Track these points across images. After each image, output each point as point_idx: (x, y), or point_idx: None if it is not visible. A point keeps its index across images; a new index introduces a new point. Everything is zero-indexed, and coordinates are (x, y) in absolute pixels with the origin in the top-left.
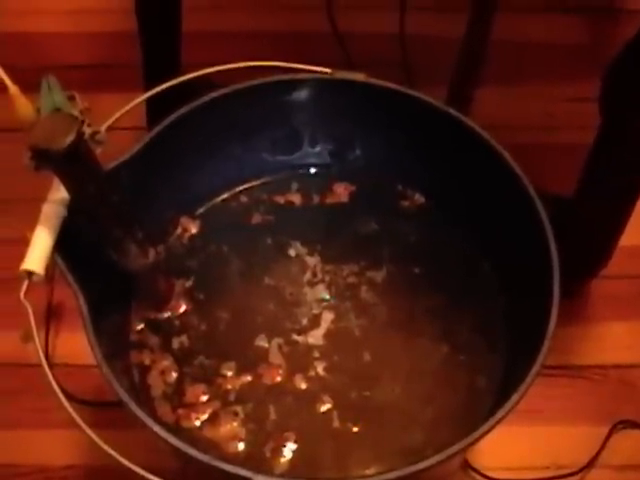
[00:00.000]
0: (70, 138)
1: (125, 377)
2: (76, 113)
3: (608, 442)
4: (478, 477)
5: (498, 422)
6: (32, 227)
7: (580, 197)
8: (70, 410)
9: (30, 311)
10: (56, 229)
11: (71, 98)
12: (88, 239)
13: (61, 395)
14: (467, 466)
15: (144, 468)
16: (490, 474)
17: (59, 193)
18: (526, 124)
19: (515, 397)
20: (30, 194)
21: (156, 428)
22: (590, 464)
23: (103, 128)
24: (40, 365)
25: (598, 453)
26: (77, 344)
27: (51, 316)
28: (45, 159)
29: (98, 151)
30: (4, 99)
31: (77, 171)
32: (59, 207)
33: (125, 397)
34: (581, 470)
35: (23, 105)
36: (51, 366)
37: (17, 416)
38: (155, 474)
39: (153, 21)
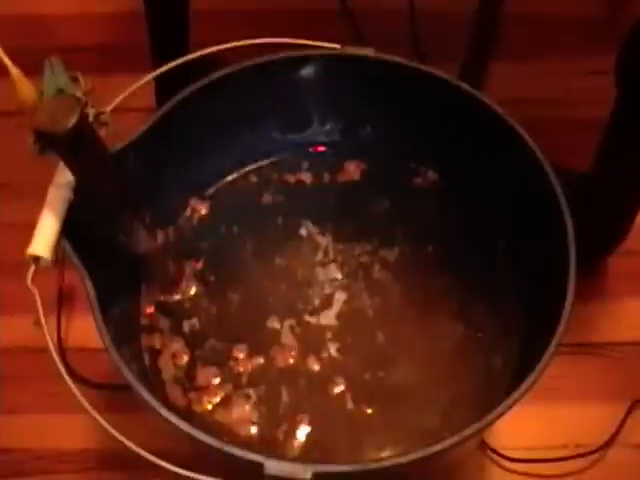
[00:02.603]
0: (73, 120)
1: (135, 361)
2: (79, 94)
3: (627, 421)
4: (495, 457)
5: (514, 403)
6: (40, 211)
7: (596, 172)
8: (77, 393)
9: (37, 296)
10: (62, 213)
11: (74, 79)
12: (95, 222)
13: (68, 378)
14: (484, 446)
15: (158, 451)
16: (507, 454)
17: (64, 176)
18: (541, 99)
19: (531, 377)
20: (37, 178)
21: (164, 413)
22: (609, 443)
23: (108, 109)
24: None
25: (617, 432)
26: (91, 328)
27: (63, 300)
28: (49, 142)
29: (103, 132)
30: (7, 82)
31: (81, 153)
32: (65, 190)
33: (134, 382)
34: (600, 449)
35: (25, 88)
36: (65, 350)
37: (32, 401)
38: (169, 457)
39: (160, 0)
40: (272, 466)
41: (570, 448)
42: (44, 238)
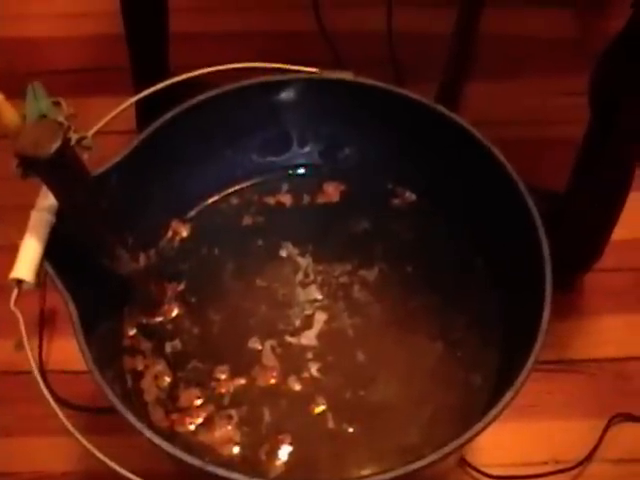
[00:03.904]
0: (56, 145)
1: (118, 383)
2: (62, 119)
3: (605, 436)
4: (475, 474)
5: (493, 420)
6: (23, 235)
7: (572, 191)
8: (61, 415)
9: (21, 319)
10: (45, 236)
11: (57, 104)
12: (78, 246)
13: (52, 401)
14: (464, 463)
15: (142, 473)
16: (487, 471)
17: (47, 200)
18: (517, 119)
19: (509, 394)
20: (20, 201)
21: (148, 434)
22: (588, 458)
23: (90, 134)
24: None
25: (596, 447)
26: (73, 350)
27: (45, 323)
28: (32, 166)
29: (85, 157)
30: None
31: (64, 178)
32: (48, 214)
33: (117, 403)
34: (579, 464)
35: (8, 112)
36: (47, 373)
37: (14, 423)
38: (153, 478)
39: (139, 23)
40: None
41: (550, 464)
42: (27, 262)
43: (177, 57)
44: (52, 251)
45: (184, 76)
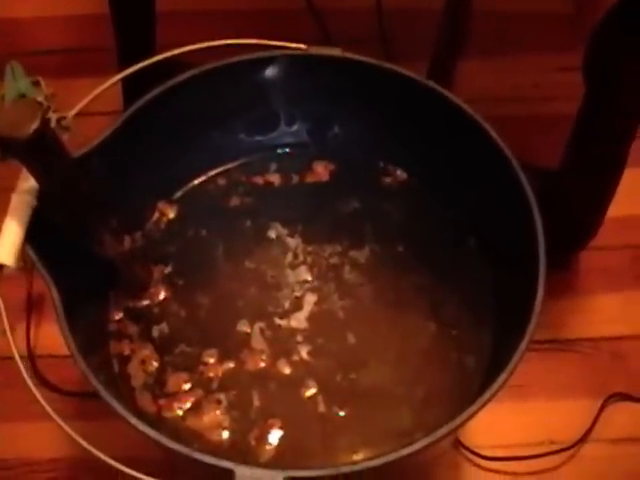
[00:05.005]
0: (34, 125)
1: (104, 368)
2: (41, 99)
3: (601, 416)
4: (470, 455)
5: (487, 402)
6: (4, 219)
7: (566, 168)
8: (42, 401)
9: (1, 304)
10: (26, 219)
11: (36, 84)
12: (61, 229)
13: (32, 385)
14: (458, 444)
15: (132, 458)
16: (482, 452)
17: (28, 182)
18: (510, 96)
19: (503, 376)
20: (1, 184)
21: (133, 420)
22: (583, 438)
23: (70, 114)
24: (24, 357)
25: (591, 427)
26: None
27: (33, 307)
28: (10, 148)
29: (65, 137)
30: None
31: (44, 159)
32: (29, 196)
33: (101, 389)
34: (575, 445)
35: None
36: (35, 358)
37: (1, 409)
38: (142, 464)
39: (125, 2)
40: (243, 473)
41: (545, 445)
42: (8, 245)
43: (163, 37)
44: (34, 234)
45: (167, 54)
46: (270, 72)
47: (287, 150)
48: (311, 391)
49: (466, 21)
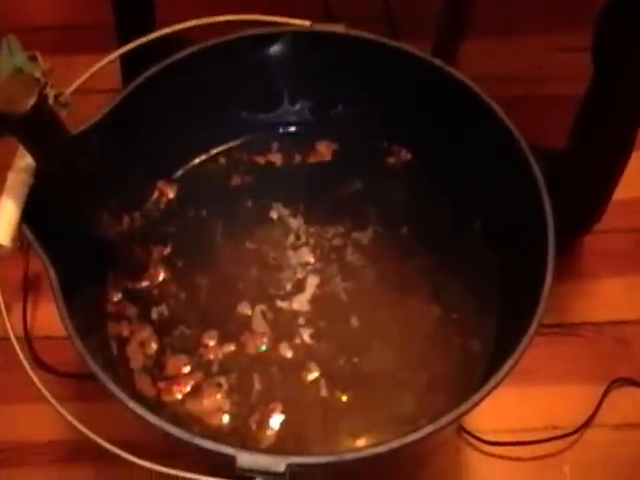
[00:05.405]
0: (31, 101)
1: (102, 350)
2: (38, 74)
3: (604, 400)
4: (472, 440)
5: (492, 389)
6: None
7: (572, 150)
8: (37, 382)
9: None
10: (23, 198)
11: (33, 58)
12: (58, 208)
13: (27, 366)
14: (461, 429)
15: (130, 441)
16: (485, 437)
17: (25, 160)
18: (515, 76)
19: (510, 362)
20: None
21: (131, 404)
22: (587, 423)
23: (68, 90)
24: (21, 338)
25: (595, 412)
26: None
27: (30, 287)
28: (7, 124)
29: (63, 114)
30: None
31: (41, 136)
32: (25, 175)
33: (99, 372)
34: (578, 430)
35: None
36: (32, 339)
37: None
38: (141, 447)
39: None
40: (245, 458)
41: (549, 430)
42: (4, 225)
43: (163, 14)
44: (31, 214)
45: (167, 30)
46: (273, 49)
47: (290, 129)
48: (313, 375)
49: (469, 3)
